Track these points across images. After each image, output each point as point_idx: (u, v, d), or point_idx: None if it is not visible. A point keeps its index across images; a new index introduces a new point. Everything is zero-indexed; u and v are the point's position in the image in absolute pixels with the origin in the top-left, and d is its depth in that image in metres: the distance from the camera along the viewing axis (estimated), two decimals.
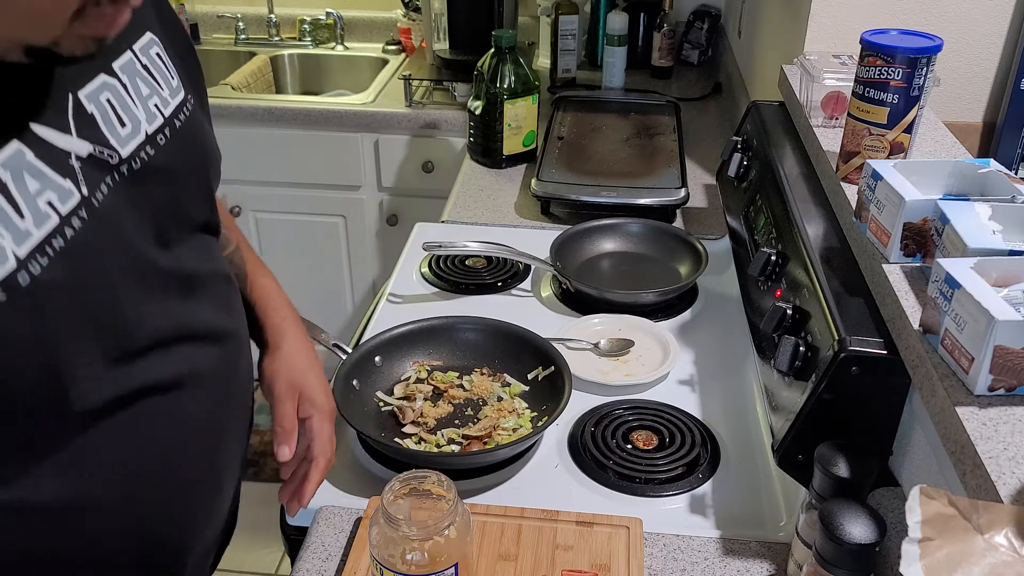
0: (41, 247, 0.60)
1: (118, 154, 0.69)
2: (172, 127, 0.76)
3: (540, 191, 1.66)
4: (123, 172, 0.69)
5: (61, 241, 0.62)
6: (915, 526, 0.57)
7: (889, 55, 0.98)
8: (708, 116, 2.24)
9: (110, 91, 0.70)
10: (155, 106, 0.75)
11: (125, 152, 0.70)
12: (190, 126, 0.79)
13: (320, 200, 2.46)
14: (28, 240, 0.59)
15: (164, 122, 0.75)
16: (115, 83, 0.71)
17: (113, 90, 0.71)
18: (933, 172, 0.94)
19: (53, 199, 0.62)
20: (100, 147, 0.67)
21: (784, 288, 1.07)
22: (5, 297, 0.57)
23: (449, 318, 1.26)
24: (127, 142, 0.70)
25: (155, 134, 0.74)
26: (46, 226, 0.61)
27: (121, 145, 0.70)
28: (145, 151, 0.72)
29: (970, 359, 0.72)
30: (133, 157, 0.71)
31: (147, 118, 0.73)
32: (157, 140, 0.74)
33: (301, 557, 0.95)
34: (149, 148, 0.73)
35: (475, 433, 1.09)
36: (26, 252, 0.59)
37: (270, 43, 2.83)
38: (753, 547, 0.96)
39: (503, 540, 0.94)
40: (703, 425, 1.14)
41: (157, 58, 0.77)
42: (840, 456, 0.81)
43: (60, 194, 0.63)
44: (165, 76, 0.78)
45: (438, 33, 2.44)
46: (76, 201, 0.64)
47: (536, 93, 1.86)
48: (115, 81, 0.71)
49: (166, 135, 0.75)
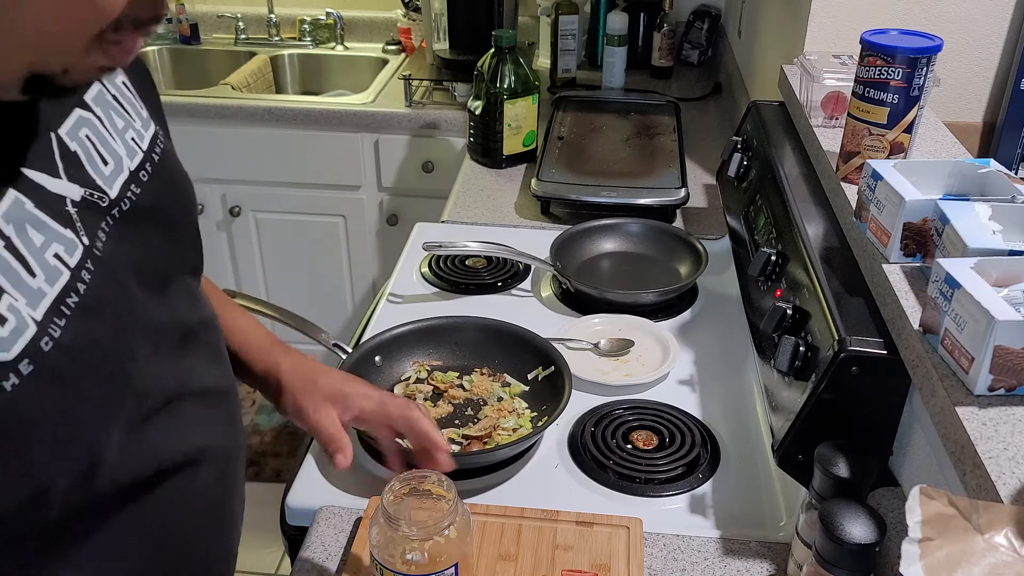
0: (56, 307, 0.55)
1: (107, 196, 0.63)
2: (152, 162, 0.71)
3: (540, 191, 1.66)
4: (115, 215, 0.64)
5: (75, 298, 0.57)
6: (915, 526, 0.57)
7: (889, 55, 0.98)
8: (708, 116, 2.24)
9: (88, 127, 0.64)
10: (132, 140, 0.69)
11: (113, 193, 0.64)
12: (167, 160, 0.73)
13: (320, 200, 2.46)
14: (43, 300, 0.54)
15: (144, 157, 0.70)
16: (91, 117, 0.65)
17: (91, 125, 0.64)
18: (933, 172, 0.94)
19: (60, 251, 0.57)
20: (90, 190, 0.62)
21: (784, 288, 1.07)
22: (33, 368, 0.53)
23: (449, 318, 1.26)
24: (113, 181, 0.64)
25: (137, 171, 0.68)
26: (59, 283, 0.56)
27: (108, 186, 0.64)
28: (131, 190, 0.66)
29: (970, 359, 0.72)
30: (122, 198, 0.65)
31: (127, 153, 0.67)
32: (140, 177, 0.68)
33: (301, 557, 0.95)
34: (135, 187, 0.67)
35: (475, 433, 1.09)
36: (42, 313, 0.54)
37: (270, 43, 2.83)
38: (753, 547, 0.96)
39: (503, 540, 0.94)
40: (703, 425, 1.14)
41: (124, 87, 0.71)
42: (840, 456, 0.81)
43: (66, 246, 0.57)
44: (135, 107, 0.72)
45: (438, 33, 2.44)
46: (81, 252, 0.58)
47: (536, 93, 1.86)
48: (90, 115, 0.65)
49: (148, 171, 0.69)
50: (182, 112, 2.33)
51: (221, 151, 2.40)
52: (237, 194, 2.47)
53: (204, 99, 2.36)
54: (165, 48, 2.82)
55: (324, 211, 2.48)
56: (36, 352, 0.53)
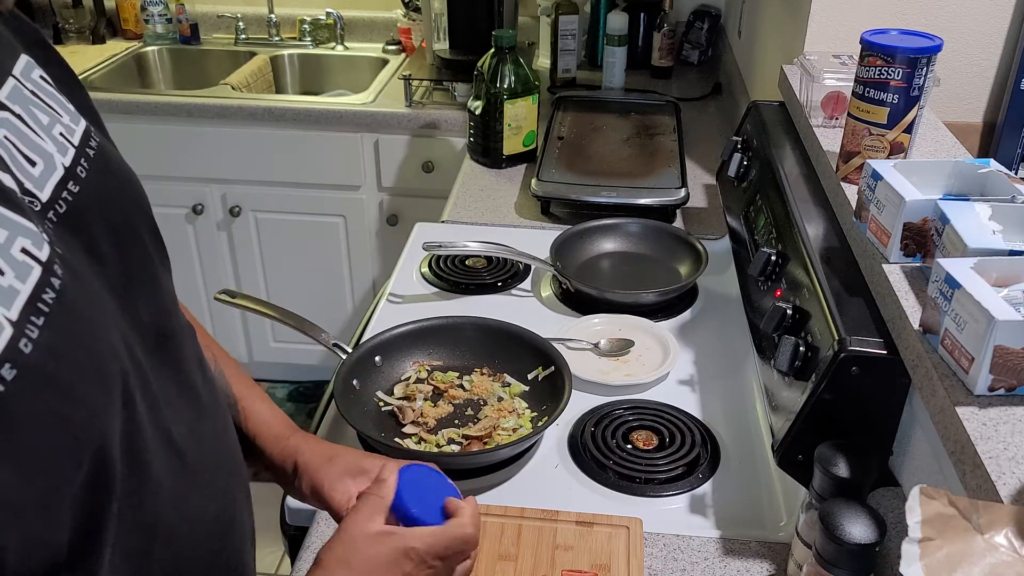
0: (32, 304, 0.50)
1: (38, 199, 0.57)
2: (87, 157, 0.64)
3: (540, 191, 1.66)
4: (52, 220, 0.58)
5: (51, 293, 0.52)
6: (915, 526, 0.57)
7: (889, 55, 0.98)
8: (708, 116, 2.24)
9: (6, 127, 0.57)
10: (61, 135, 0.62)
11: (44, 195, 0.58)
12: (104, 155, 0.67)
13: (320, 200, 2.46)
14: (16, 299, 0.50)
15: (77, 151, 0.63)
16: (8, 117, 0.58)
17: (9, 125, 0.58)
18: (933, 172, 0.94)
19: (27, 246, 0.52)
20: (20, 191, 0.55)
21: (784, 288, 1.07)
22: (16, 372, 0.48)
23: (449, 318, 1.26)
24: (44, 183, 0.58)
25: (73, 167, 0.62)
26: (31, 279, 0.51)
27: (39, 188, 0.58)
28: (68, 189, 0.60)
29: (970, 359, 0.72)
30: (56, 200, 0.59)
31: (58, 149, 0.61)
32: (78, 174, 0.62)
33: (301, 557, 0.95)
34: (72, 185, 0.61)
35: (475, 433, 1.09)
36: (17, 313, 0.49)
37: (270, 43, 2.83)
38: (753, 547, 0.96)
39: (503, 540, 0.94)
40: (703, 425, 1.14)
41: (43, 82, 0.64)
42: (840, 456, 0.81)
43: (33, 239, 0.52)
44: (59, 102, 0.65)
45: (438, 33, 2.44)
46: (48, 249, 0.53)
47: (536, 93, 1.86)
48: (7, 114, 0.58)
49: (84, 167, 0.63)
50: (182, 112, 2.33)
51: (221, 151, 2.40)
52: (237, 194, 2.47)
53: (204, 99, 2.36)
54: (165, 48, 2.82)
55: (324, 211, 2.48)
56: (16, 354, 0.49)
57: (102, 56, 2.71)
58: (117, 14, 2.85)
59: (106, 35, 2.85)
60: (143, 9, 2.78)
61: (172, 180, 2.42)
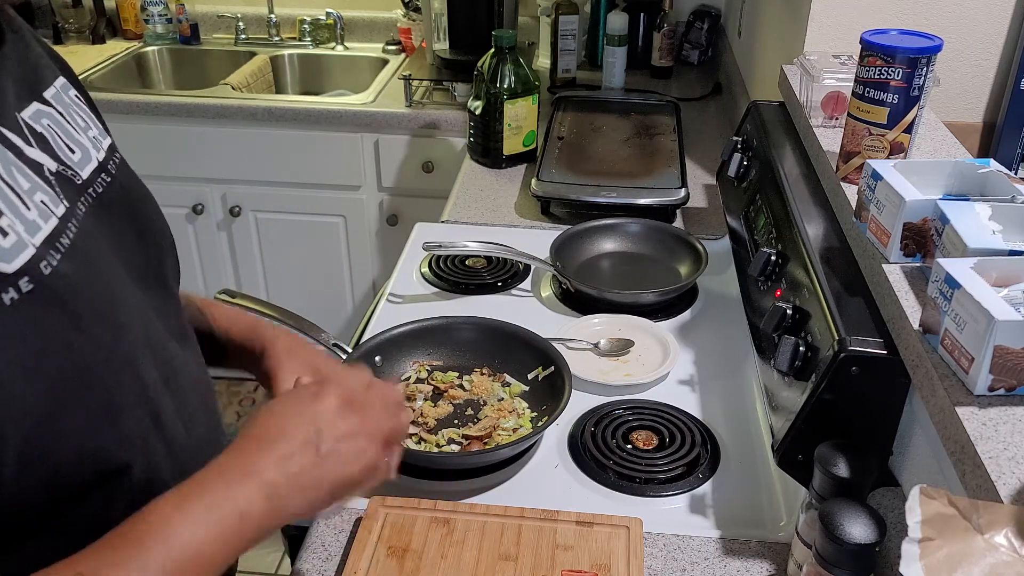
0: (51, 241, 0.56)
1: (80, 175, 0.64)
2: (115, 163, 0.71)
3: (540, 191, 1.66)
4: (92, 195, 0.65)
5: (66, 240, 0.58)
6: (915, 526, 0.57)
7: (889, 55, 0.98)
8: (708, 116, 2.24)
9: (48, 118, 0.65)
10: (93, 138, 0.70)
11: (84, 174, 0.65)
12: (128, 169, 0.74)
13: (320, 200, 2.46)
14: (39, 232, 0.56)
15: (107, 154, 0.70)
16: (51, 111, 0.66)
17: (51, 117, 0.65)
18: (933, 172, 0.94)
19: (46, 200, 0.58)
20: (62, 166, 0.63)
21: (784, 288, 1.07)
22: (32, 287, 0.53)
23: (449, 318, 1.26)
24: (83, 167, 0.65)
25: (105, 163, 0.69)
26: (50, 223, 0.57)
27: (79, 168, 0.65)
28: (101, 178, 0.67)
29: (970, 359, 0.72)
30: (94, 182, 0.66)
31: (93, 146, 0.68)
32: (109, 169, 0.69)
33: (301, 557, 0.95)
34: (104, 176, 0.68)
35: (475, 433, 1.09)
36: (40, 242, 0.55)
37: (270, 43, 2.83)
38: (753, 547, 0.96)
39: (503, 540, 0.94)
40: (703, 425, 1.14)
41: (76, 99, 0.72)
42: (840, 456, 0.81)
43: (50, 198, 0.59)
44: (89, 115, 0.73)
45: (438, 33, 2.44)
46: (64, 210, 0.60)
47: (536, 93, 1.86)
48: (51, 109, 0.66)
49: (114, 167, 0.70)
50: (182, 112, 2.33)
51: (221, 151, 2.40)
52: (237, 194, 2.47)
53: (204, 99, 2.36)
54: (165, 48, 2.82)
55: (324, 211, 2.48)
56: (36, 272, 0.54)
57: (102, 56, 2.71)
58: (117, 14, 2.85)
59: (106, 35, 2.85)
60: (143, 9, 2.78)
61: (172, 180, 2.41)
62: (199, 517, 0.58)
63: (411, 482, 1.04)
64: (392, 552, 0.92)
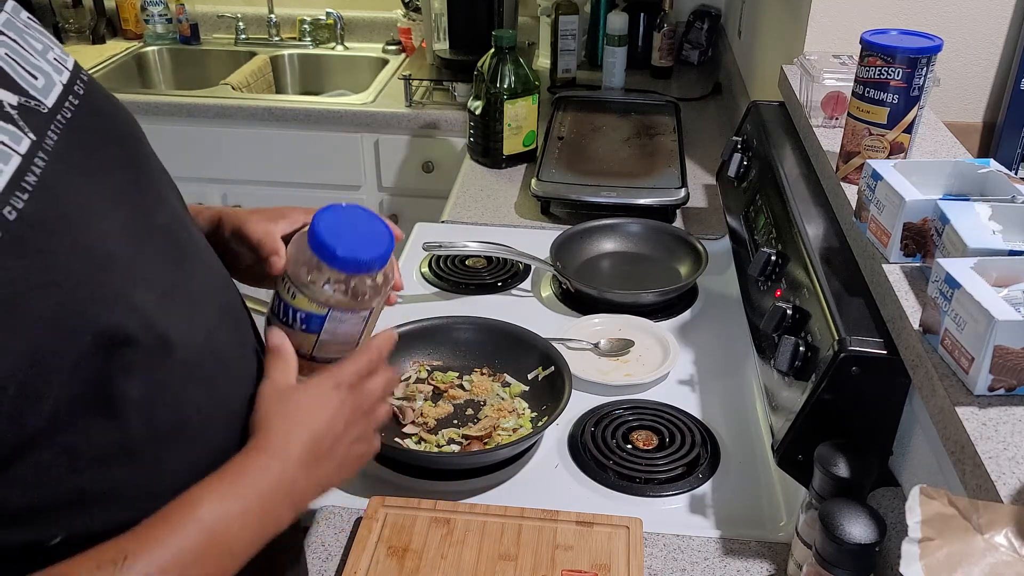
0: (15, 182, 0.56)
1: (45, 104, 0.63)
2: (82, 81, 0.69)
3: (540, 191, 1.66)
4: (61, 122, 0.64)
5: (33, 178, 0.57)
6: (915, 526, 0.57)
7: (889, 55, 0.98)
8: (708, 116, 2.24)
9: (4, 47, 0.63)
10: (55, 59, 0.68)
11: (50, 102, 0.64)
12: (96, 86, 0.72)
13: (320, 200, 2.42)
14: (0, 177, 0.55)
15: (72, 75, 0.68)
16: (5, 39, 0.64)
17: (6, 46, 0.64)
18: (933, 172, 0.94)
19: (5, 140, 0.57)
20: (25, 98, 0.62)
21: (784, 288, 1.07)
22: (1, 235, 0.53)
23: (449, 318, 1.26)
24: (47, 93, 0.64)
25: (70, 85, 0.67)
26: (11, 164, 0.56)
27: (43, 96, 0.63)
28: (69, 101, 0.66)
29: (970, 359, 0.72)
30: (60, 107, 0.65)
31: (54, 70, 0.66)
32: (76, 90, 0.67)
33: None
34: (72, 99, 0.66)
35: (475, 433, 1.09)
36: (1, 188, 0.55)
37: (270, 43, 2.83)
38: (753, 547, 0.96)
39: (503, 540, 0.94)
40: (703, 425, 1.14)
41: (31, 21, 0.70)
42: (840, 456, 0.81)
43: (10, 136, 0.58)
44: (49, 37, 0.70)
45: (438, 33, 2.44)
46: (29, 144, 0.59)
47: (536, 93, 1.86)
48: (3, 38, 0.64)
49: (81, 87, 0.68)
50: (182, 112, 2.33)
51: (221, 151, 2.40)
52: (237, 194, 2.46)
53: (204, 99, 2.36)
54: (165, 48, 2.82)
55: None
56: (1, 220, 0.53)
57: (102, 56, 2.71)
58: (117, 14, 2.85)
59: (106, 35, 2.85)
60: (143, 9, 2.78)
61: None
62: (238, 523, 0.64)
63: (411, 482, 1.04)
64: (392, 552, 0.92)
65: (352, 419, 0.73)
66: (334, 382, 0.73)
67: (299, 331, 0.77)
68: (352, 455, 0.73)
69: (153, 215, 0.70)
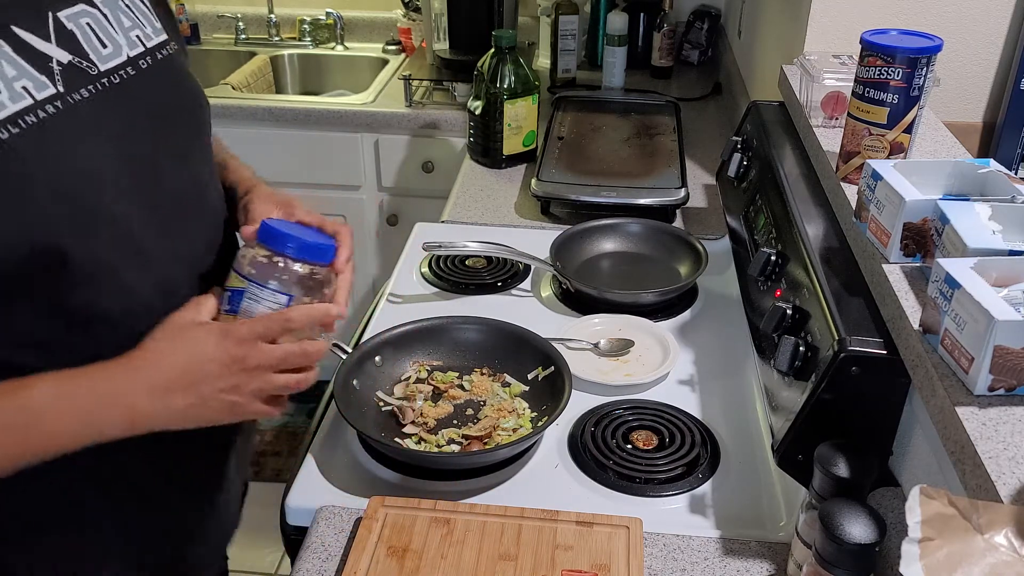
0: (13, 119, 0.68)
1: (96, 67, 0.75)
2: (154, 57, 0.82)
3: (540, 191, 1.66)
4: (103, 84, 0.76)
5: (33, 119, 0.69)
6: (915, 526, 0.57)
7: (889, 55, 0.98)
8: (708, 116, 2.24)
9: (90, 17, 0.77)
10: (137, 37, 0.81)
11: (103, 67, 0.76)
12: (172, 64, 0.84)
13: (320, 200, 2.46)
14: (2, 111, 0.67)
15: (146, 51, 0.81)
16: (95, 12, 0.78)
17: (93, 17, 0.77)
18: (933, 172, 0.94)
19: (28, 85, 0.69)
20: (79, 59, 0.74)
21: (784, 288, 1.07)
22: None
23: (449, 318, 1.26)
24: (107, 60, 0.77)
25: (137, 59, 0.80)
26: (19, 104, 0.68)
27: (101, 61, 0.76)
28: (126, 70, 0.78)
29: (970, 359, 0.72)
30: (112, 72, 0.77)
31: (128, 44, 0.80)
32: (139, 64, 0.80)
33: (301, 557, 0.95)
34: (130, 69, 0.79)
35: (475, 433, 1.09)
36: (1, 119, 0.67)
37: (270, 43, 2.83)
38: (753, 547, 0.96)
39: (503, 540, 0.94)
40: (703, 425, 1.14)
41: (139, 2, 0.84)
42: (840, 456, 0.81)
43: (35, 84, 0.70)
44: (147, 16, 0.84)
45: (438, 33, 2.44)
46: (50, 93, 0.71)
47: (536, 93, 1.86)
48: (95, 11, 0.78)
49: (148, 62, 0.81)
50: None
51: None
52: None
53: None
54: None
55: (324, 211, 2.43)
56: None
57: None
58: None
59: None
60: None
61: None
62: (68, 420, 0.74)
63: (411, 482, 1.04)
64: (392, 552, 0.92)
65: (229, 370, 0.77)
66: (223, 331, 0.79)
67: (224, 312, 0.83)
68: (217, 400, 0.78)
69: (163, 180, 0.81)
